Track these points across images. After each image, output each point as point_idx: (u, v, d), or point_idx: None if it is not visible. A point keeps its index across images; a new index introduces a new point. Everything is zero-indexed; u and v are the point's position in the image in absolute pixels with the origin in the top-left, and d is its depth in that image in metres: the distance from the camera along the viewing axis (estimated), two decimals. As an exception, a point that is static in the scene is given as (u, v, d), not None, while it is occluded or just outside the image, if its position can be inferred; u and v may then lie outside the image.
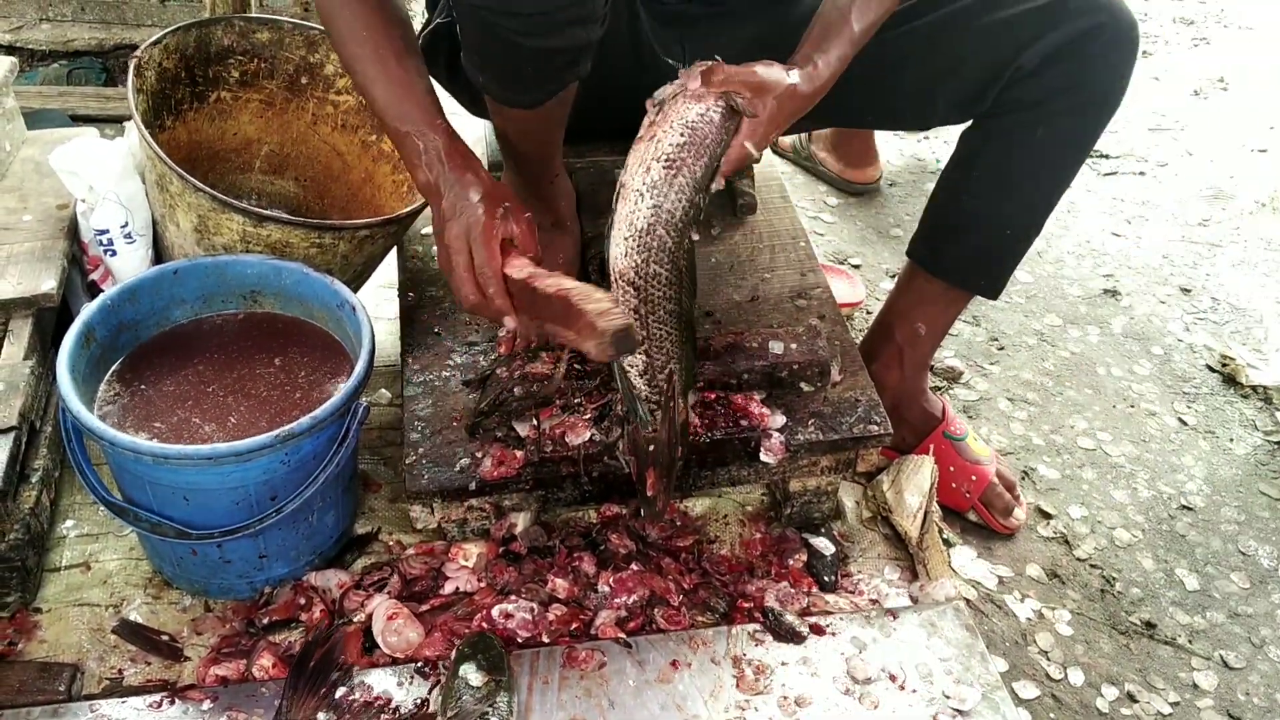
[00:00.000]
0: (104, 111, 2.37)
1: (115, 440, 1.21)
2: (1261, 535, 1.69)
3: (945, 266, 1.58)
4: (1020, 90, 1.42)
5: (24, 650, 1.31)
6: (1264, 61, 3.14)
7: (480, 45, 1.20)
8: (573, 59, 1.19)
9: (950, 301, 1.62)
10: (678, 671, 1.29)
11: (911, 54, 1.43)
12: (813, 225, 2.31)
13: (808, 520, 1.52)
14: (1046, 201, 1.52)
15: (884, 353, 1.66)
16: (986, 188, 1.51)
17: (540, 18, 1.10)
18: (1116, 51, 1.39)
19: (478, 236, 1.19)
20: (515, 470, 1.35)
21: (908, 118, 1.62)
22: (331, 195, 1.80)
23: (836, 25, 1.27)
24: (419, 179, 1.24)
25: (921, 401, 1.68)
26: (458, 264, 1.21)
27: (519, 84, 1.24)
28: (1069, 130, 1.44)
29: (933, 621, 1.37)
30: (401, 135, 1.24)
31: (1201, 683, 1.46)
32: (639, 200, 1.19)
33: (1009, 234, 1.53)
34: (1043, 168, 1.48)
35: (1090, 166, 2.62)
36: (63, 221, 1.63)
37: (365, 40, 1.24)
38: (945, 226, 1.58)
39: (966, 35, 1.42)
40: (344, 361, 1.42)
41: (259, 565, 1.35)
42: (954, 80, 1.45)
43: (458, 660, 1.23)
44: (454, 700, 1.18)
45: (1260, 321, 2.14)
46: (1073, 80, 1.39)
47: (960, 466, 1.64)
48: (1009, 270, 1.58)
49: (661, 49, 1.50)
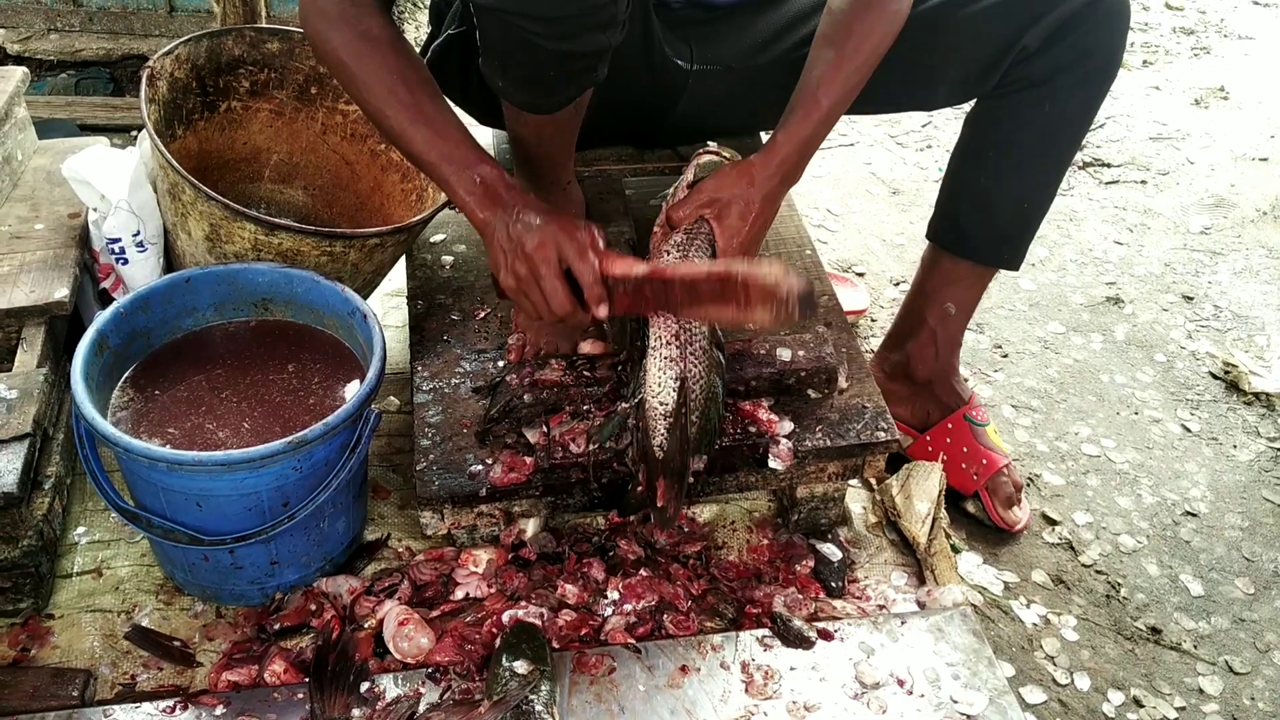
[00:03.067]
0: (112, 121, 2.39)
1: (129, 446, 1.22)
2: (1266, 541, 1.69)
3: (972, 246, 1.62)
4: (1026, 69, 1.46)
5: (37, 656, 1.32)
6: (1264, 71, 3.15)
7: (501, 49, 1.21)
8: (592, 63, 1.21)
9: (977, 278, 1.67)
10: (687, 676, 1.30)
11: (914, 38, 1.44)
12: (817, 234, 2.33)
13: (815, 526, 1.53)
14: (1059, 171, 1.58)
15: (918, 334, 1.70)
16: (1003, 166, 1.56)
17: (563, 21, 1.11)
18: (1112, 21, 1.45)
19: (567, 243, 1.22)
20: (525, 476, 1.36)
21: (912, 100, 1.66)
22: (340, 204, 1.81)
23: (805, 103, 1.33)
24: (477, 216, 1.26)
25: (953, 380, 1.74)
26: (546, 274, 1.22)
27: (539, 88, 1.26)
28: (1074, 102, 1.49)
29: (940, 627, 1.38)
30: (450, 174, 1.25)
31: (1207, 687, 1.46)
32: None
33: (1027, 207, 1.59)
34: (1053, 141, 1.53)
35: (1092, 175, 2.64)
36: (74, 230, 1.64)
37: (396, 87, 1.25)
38: (966, 207, 1.62)
39: (970, 18, 1.46)
40: (355, 368, 1.43)
41: (270, 571, 1.35)
42: (959, 62, 1.49)
43: (502, 649, 1.25)
44: (499, 686, 1.20)
45: (1262, 329, 2.15)
46: (1076, 54, 1.44)
47: (973, 449, 1.68)
48: (1028, 241, 1.63)
49: (672, 51, 1.53)
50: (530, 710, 1.17)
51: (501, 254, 1.25)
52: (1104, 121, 2.84)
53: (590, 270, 1.22)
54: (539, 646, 1.25)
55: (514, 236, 1.23)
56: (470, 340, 1.53)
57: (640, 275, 1.23)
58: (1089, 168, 2.67)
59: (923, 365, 1.71)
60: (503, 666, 1.22)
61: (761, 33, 1.57)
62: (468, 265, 1.67)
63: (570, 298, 1.24)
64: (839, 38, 1.33)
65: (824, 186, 2.53)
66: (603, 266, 1.23)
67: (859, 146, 2.70)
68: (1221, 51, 3.27)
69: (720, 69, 1.57)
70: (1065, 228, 2.42)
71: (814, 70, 1.33)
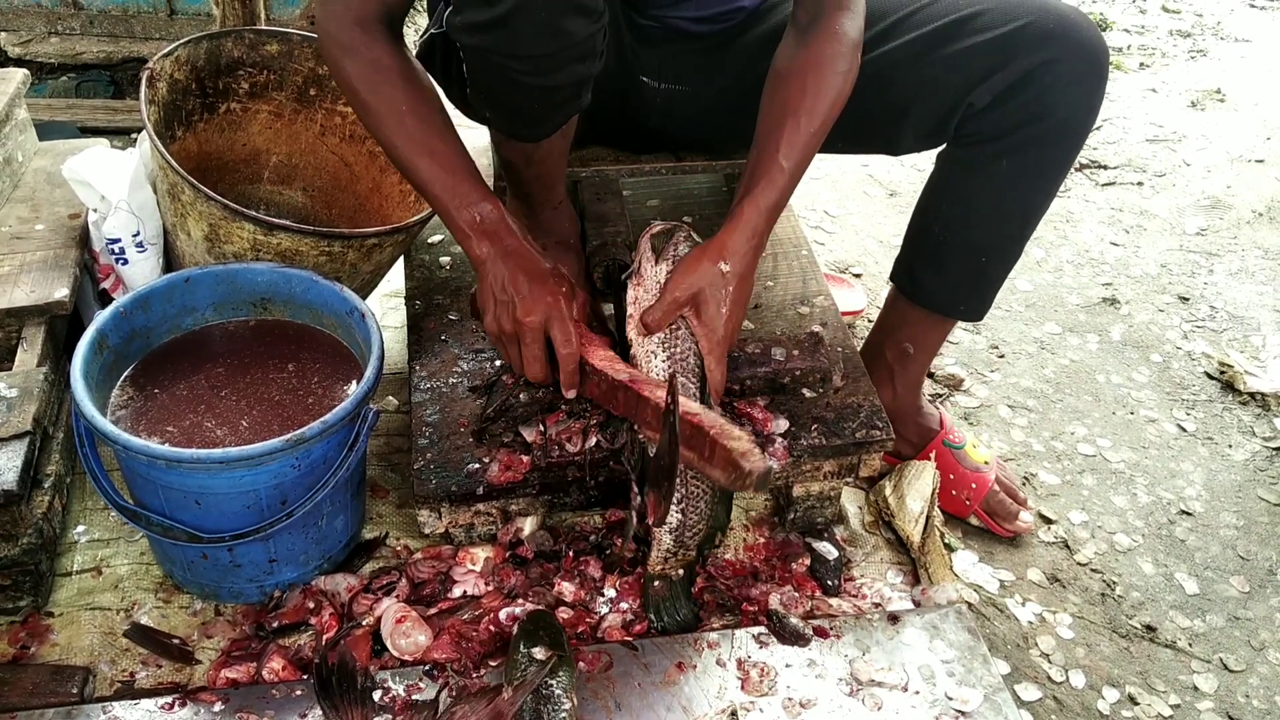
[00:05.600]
0: (112, 123, 2.40)
1: (128, 444, 1.22)
2: (1260, 540, 1.70)
3: (924, 293, 1.57)
4: (977, 124, 1.41)
5: (36, 653, 1.33)
6: (1260, 73, 3.17)
7: (486, 84, 1.25)
8: (575, 93, 1.24)
9: (935, 324, 1.61)
10: (683, 673, 1.30)
11: (874, 85, 1.42)
12: (814, 234, 2.34)
13: (811, 525, 1.53)
14: (1019, 228, 1.50)
15: (877, 371, 1.64)
16: (956, 216, 1.50)
17: (544, 59, 1.15)
18: (1077, 81, 1.35)
19: (556, 323, 1.27)
20: (522, 475, 1.37)
21: (876, 145, 1.59)
22: (339, 205, 1.82)
23: (769, 170, 1.31)
24: (474, 252, 1.30)
25: (917, 417, 1.69)
26: (529, 344, 1.29)
27: (524, 119, 1.30)
28: (1035, 160, 1.42)
29: (935, 624, 1.38)
30: (452, 210, 1.29)
31: (1202, 685, 1.47)
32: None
33: (984, 260, 1.52)
34: (1011, 197, 1.46)
35: (1089, 177, 2.65)
36: (74, 231, 1.65)
37: (405, 118, 1.28)
38: (922, 254, 1.57)
39: (920, 69, 1.41)
40: (353, 368, 1.44)
41: (269, 569, 1.36)
42: (914, 112, 1.45)
43: (519, 636, 1.26)
44: (518, 673, 1.21)
45: (1258, 329, 2.16)
46: (1031, 113, 1.36)
47: (960, 474, 1.65)
48: (990, 294, 1.56)
49: (640, 69, 1.53)
50: (550, 694, 1.19)
51: (492, 301, 1.30)
52: (1101, 124, 2.85)
53: (570, 358, 1.29)
54: (556, 633, 1.27)
55: (507, 291, 1.28)
56: (468, 340, 1.54)
57: (617, 381, 1.27)
58: (1086, 169, 2.68)
59: (883, 403, 1.59)
60: (521, 653, 1.23)
61: (729, 59, 1.56)
62: (465, 266, 1.67)
63: (546, 369, 1.31)
64: (792, 102, 1.30)
65: (821, 188, 2.54)
66: (584, 353, 1.29)
67: (856, 148, 2.70)
68: (1218, 54, 3.28)
69: (689, 90, 1.57)
70: (1062, 229, 2.43)
71: (771, 136, 1.31)
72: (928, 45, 1.41)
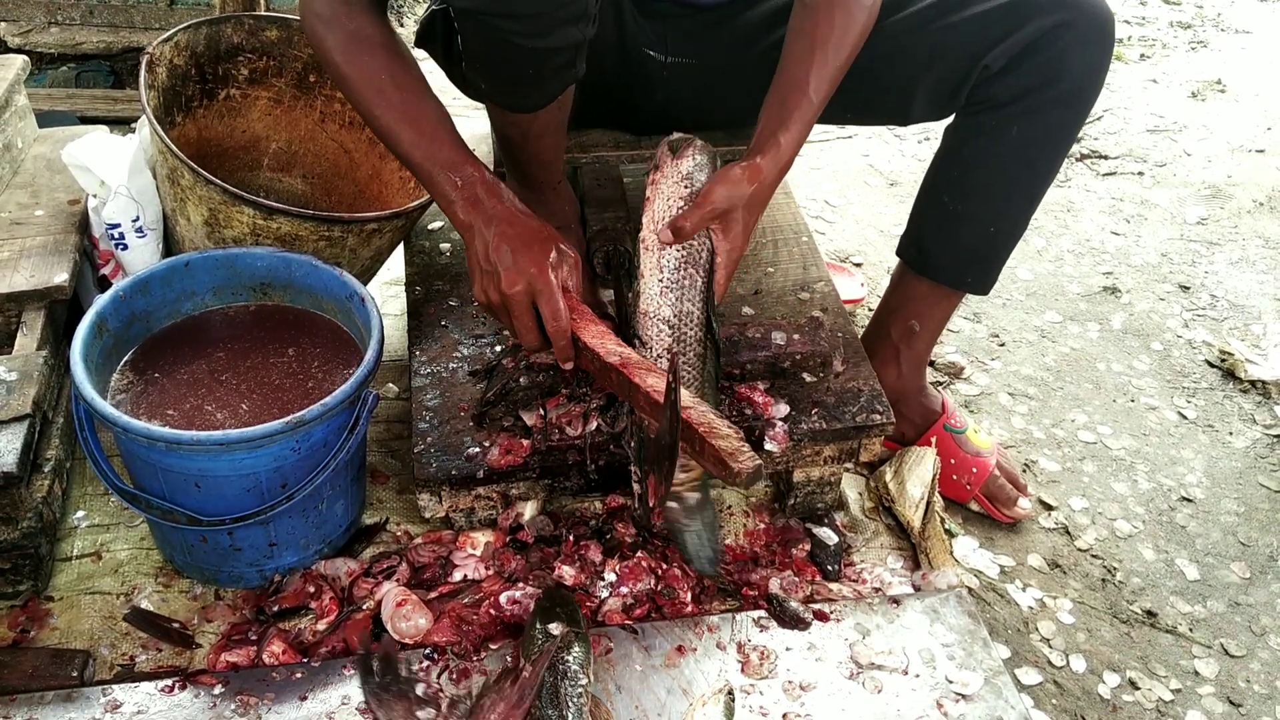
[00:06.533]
0: (112, 113, 2.39)
1: (128, 426, 1.22)
2: (1261, 526, 1.70)
3: (933, 266, 1.58)
4: (991, 89, 1.42)
5: (37, 637, 1.33)
6: (1260, 64, 3.16)
7: (480, 51, 1.24)
8: (569, 59, 1.23)
9: (942, 298, 1.62)
10: (684, 657, 1.30)
11: (885, 53, 1.43)
12: (815, 224, 2.33)
13: (811, 510, 1.53)
14: (1030, 196, 1.51)
15: (881, 350, 1.66)
16: (967, 186, 1.51)
17: (535, 19, 1.14)
18: (1088, 45, 1.38)
19: (543, 296, 1.22)
20: (522, 459, 1.37)
21: (887, 113, 1.61)
22: (339, 192, 1.82)
23: (799, 101, 1.30)
24: (459, 217, 1.27)
25: (920, 398, 1.70)
26: (518, 314, 1.24)
27: (519, 88, 1.28)
28: (1046, 126, 1.43)
29: (935, 608, 1.38)
30: (435, 175, 1.27)
31: (1202, 670, 1.47)
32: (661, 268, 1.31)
33: (993, 230, 1.53)
34: (1022, 164, 1.47)
35: (1089, 167, 2.64)
36: (74, 216, 1.65)
37: (385, 87, 1.26)
38: (931, 225, 1.57)
39: (935, 33, 1.42)
40: (353, 352, 1.44)
41: (269, 553, 1.36)
42: (927, 78, 1.46)
43: (536, 613, 1.27)
44: (535, 648, 1.21)
45: (1258, 318, 2.16)
46: (1044, 77, 1.38)
47: (961, 459, 1.65)
48: (998, 266, 1.57)
49: (646, 43, 1.53)
50: (566, 669, 1.20)
51: (478, 270, 1.27)
52: (1101, 114, 2.85)
53: (561, 333, 1.24)
54: (572, 609, 1.27)
55: (491, 261, 1.24)
56: (468, 325, 1.54)
57: (609, 363, 1.23)
58: (1087, 159, 2.67)
59: (887, 383, 1.61)
60: (538, 629, 1.24)
61: (736, 33, 1.56)
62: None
63: (539, 338, 1.26)
64: (820, 33, 1.31)
65: (822, 178, 2.54)
66: (575, 328, 1.25)
67: (857, 139, 2.70)
68: (1219, 45, 3.28)
69: (695, 64, 1.57)
70: (1063, 218, 2.43)
71: (799, 66, 1.31)
72: (942, 10, 1.42)
